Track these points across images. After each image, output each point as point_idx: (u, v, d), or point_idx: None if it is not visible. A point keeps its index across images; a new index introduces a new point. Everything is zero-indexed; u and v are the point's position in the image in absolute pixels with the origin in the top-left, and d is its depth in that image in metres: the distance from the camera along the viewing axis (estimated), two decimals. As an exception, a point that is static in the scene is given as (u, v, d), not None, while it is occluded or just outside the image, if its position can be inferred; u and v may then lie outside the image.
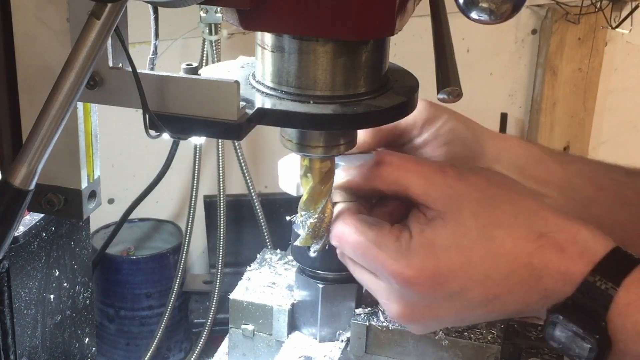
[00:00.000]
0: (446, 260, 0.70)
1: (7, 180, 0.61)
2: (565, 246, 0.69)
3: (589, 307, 0.67)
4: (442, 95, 0.68)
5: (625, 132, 2.82)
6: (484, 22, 0.65)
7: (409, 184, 0.72)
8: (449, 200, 0.71)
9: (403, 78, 0.74)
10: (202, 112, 0.66)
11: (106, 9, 0.60)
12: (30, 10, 0.70)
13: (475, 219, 0.70)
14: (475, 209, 0.71)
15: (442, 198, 0.71)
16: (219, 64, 0.77)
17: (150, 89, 0.67)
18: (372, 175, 0.74)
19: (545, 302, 0.70)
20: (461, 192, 0.71)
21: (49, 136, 0.61)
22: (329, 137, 0.73)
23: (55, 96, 0.61)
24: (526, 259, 0.69)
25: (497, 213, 0.71)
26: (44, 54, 0.70)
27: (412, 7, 0.68)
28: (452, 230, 0.70)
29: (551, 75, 2.58)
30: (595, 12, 2.47)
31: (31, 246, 0.84)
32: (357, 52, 0.68)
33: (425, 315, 0.74)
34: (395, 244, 0.71)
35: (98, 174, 0.78)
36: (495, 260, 0.70)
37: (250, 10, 0.64)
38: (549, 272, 0.69)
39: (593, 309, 0.67)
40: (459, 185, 0.71)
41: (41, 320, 0.88)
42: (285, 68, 0.69)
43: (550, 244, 0.69)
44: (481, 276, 0.70)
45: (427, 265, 0.70)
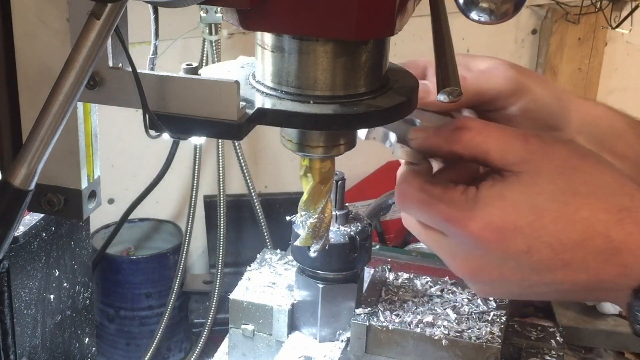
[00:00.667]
0: (514, 215, 0.67)
1: (7, 180, 0.61)
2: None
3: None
4: (442, 95, 0.68)
5: (625, 132, 2.81)
6: (484, 22, 0.65)
7: (489, 149, 0.69)
8: (527, 164, 0.68)
9: (403, 78, 0.74)
10: (202, 112, 0.66)
11: (106, 9, 0.60)
12: (30, 10, 0.70)
13: (552, 182, 0.67)
14: (554, 175, 0.67)
15: (521, 161, 0.68)
16: (219, 64, 0.77)
17: (150, 89, 0.67)
18: (453, 139, 0.71)
19: (624, 281, 0.65)
20: (541, 158, 0.68)
21: (49, 136, 0.61)
22: (328, 137, 0.73)
23: (55, 96, 0.61)
24: (603, 230, 0.65)
25: (577, 182, 0.67)
26: (44, 54, 0.70)
27: (412, 7, 0.68)
28: (526, 187, 0.67)
29: (551, 75, 2.58)
30: (595, 12, 2.47)
31: (31, 246, 0.84)
32: (357, 52, 0.68)
33: (491, 273, 0.70)
34: (461, 197, 0.69)
35: (98, 174, 0.78)
36: (568, 224, 0.66)
37: (250, 10, 0.64)
38: (629, 247, 0.64)
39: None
40: (539, 152, 0.68)
41: (41, 320, 0.88)
42: (285, 68, 0.69)
43: (632, 219, 0.65)
44: (551, 238, 0.66)
45: (493, 218, 0.67)
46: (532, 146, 0.69)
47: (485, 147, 0.70)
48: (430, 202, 0.70)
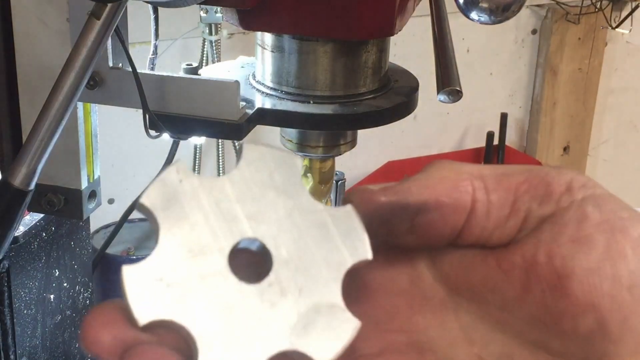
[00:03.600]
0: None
1: (7, 180, 0.61)
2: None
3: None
4: (443, 96, 0.68)
5: (625, 132, 2.82)
6: (484, 23, 0.64)
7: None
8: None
9: (403, 78, 0.74)
10: (202, 112, 0.66)
11: (106, 9, 0.60)
12: (30, 10, 0.70)
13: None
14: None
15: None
16: (219, 64, 0.77)
17: (150, 89, 0.67)
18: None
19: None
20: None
21: (49, 136, 0.61)
22: (328, 137, 0.73)
23: (55, 96, 0.61)
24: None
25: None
26: (44, 54, 0.70)
27: (412, 7, 0.68)
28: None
29: (551, 75, 2.58)
30: (596, 12, 2.47)
31: (31, 246, 0.84)
32: (357, 52, 0.68)
33: None
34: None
35: (98, 174, 0.78)
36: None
37: (251, 10, 0.64)
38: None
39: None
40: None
41: (41, 320, 0.88)
42: (285, 68, 0.69)
43: None
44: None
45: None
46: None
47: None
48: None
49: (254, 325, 0.42)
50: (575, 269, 0.42)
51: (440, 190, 0.45)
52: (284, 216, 0.44)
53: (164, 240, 0.42)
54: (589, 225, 0.43)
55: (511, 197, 0.45)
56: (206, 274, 0.42)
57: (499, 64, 2.59)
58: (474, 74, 2.50)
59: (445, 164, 0.46)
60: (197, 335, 0.41)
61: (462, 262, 0.46)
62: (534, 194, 0.45)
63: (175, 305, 0.41)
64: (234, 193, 0.43)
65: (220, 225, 0.43)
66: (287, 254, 0.43)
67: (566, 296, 0.42)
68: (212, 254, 0.42)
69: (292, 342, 0.42)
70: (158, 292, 0.41)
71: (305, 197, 0.45)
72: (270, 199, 0.44)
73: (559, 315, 0.43)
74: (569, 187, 0.44)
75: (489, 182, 0.45)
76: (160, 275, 0.41)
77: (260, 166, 0.45)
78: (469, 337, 0.47)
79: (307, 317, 0.42)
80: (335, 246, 0.44)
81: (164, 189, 0.43)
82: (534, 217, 0.44)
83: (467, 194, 0.45)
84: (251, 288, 0.42)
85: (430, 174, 0.46)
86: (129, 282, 0.41)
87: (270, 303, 0.42)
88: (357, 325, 0.43)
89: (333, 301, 0.43)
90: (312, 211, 0.44)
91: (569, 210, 0.44)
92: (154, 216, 0.43)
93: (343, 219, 0.45)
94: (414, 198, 0.45)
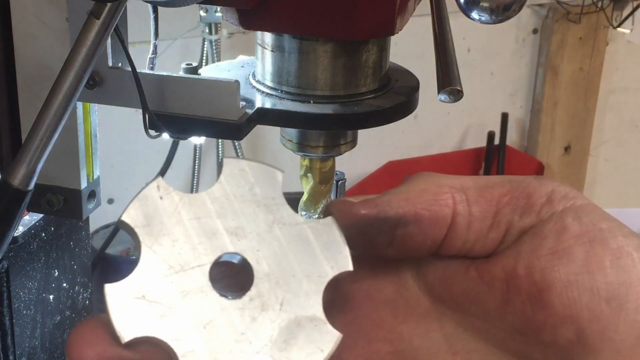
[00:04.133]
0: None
1: (6, 181, 0.61)
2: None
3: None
4: (443, 95, 0.67)
5: (626, 131, 2.82)
6: (485, 22, 0.64)
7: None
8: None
9: (403, 78, 0.74)
10: (202, 112, 0.66)
11: (106, 9, 0.59)
12: (29, 9, 0.69)
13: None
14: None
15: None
16: (218, 63, 0.77)
17: (150, 89, 0.66)
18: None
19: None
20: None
21: (49, 136, 0.61)
22: (329, 137, 0.73)
23: (55, 96, 0.60)
24: None
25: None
26: (43, 53, 0.70)
27: (412, 7, 0.68)
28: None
29: (552, 75, 2.57)
30: (597, 11, 2.47)
31: (30, 246, 0.84)
32: (357, 52, 0.68)
33: None
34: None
35: (98, 174, 0.77)
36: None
37: (251, 9, 0.64)
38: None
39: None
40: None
41: (40, 320, 0.87)
42: (285, 68, 0.68)
43: None
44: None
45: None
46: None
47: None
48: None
49: (235, 340, 0.42)
50: (554, 282, 0.42)
51: (419, 204, 0.45)
52: (265, 230, 0.44)
53: (146, 258, 0.42)
54: (568, 237, 0.43)
55: (493, 209, 0.45)
56: (187, 290, 0.42)
57: (499, 64, 2.59)
58: (474, 74, 2.50)
59: (426, 177, 0.46)
60: (180, 352, 0.41)
61: (445, 273, 0.46)
62: (515, 206, 0.45)
63: (157, 322, 0.41)
64: (214, 208, 0.43)
65: (201, 240, 0.43)
66: (268, 267, 0.43)
67: (545, 308, 0.42)
68: (193, 270, 0.42)
69: (273, 356, 0.42)
70: (140, 310, 0.41)
71: (286, 210, 0.45)
72: (250, 213, 0.44)
73: (539, 327, 0.43)
74: (549, 198, 0.44)
75: (471, 194, 0.45)
76: (143, 293, 0.42)
77: (240, 181, 0.44)
78: (452, 346, 0.47)
79: (288, 331, 0.42)
80: (316, 259, 0.44)
81: (144, 206, 0.43)
82: (515, 229, 0.44)
83: (448, 207, 0.45)
84: (232, 303, 0.42)
85: (410, 187, 0.46)
86: (111, 300, 0.41)
87: (251, 318, 0.42)
88: (338, 337, 0.43)
89: (314, 314, 0.43)
90: (293, 224, 0.44)
91: (549, 222, 0.44)
92: (135, 233, 0.43)
93: (324, 231, 0.44)
94: (393, 211, 0.45)
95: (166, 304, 0.41)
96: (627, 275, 0.41)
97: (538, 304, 0.42)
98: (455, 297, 0.46)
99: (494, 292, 0.44)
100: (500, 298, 0.44)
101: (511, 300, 0.43)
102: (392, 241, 0.45)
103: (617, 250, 0.42)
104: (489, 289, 0.44)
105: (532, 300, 0.43)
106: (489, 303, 0.44)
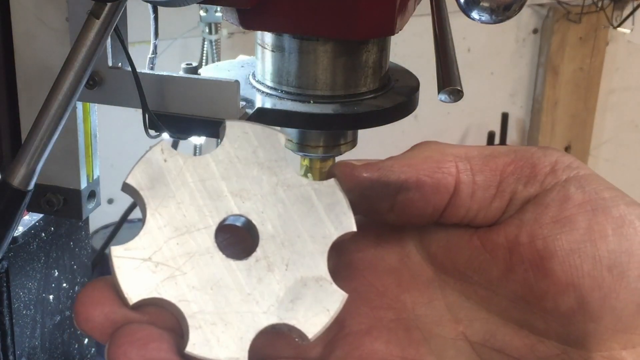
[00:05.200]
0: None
1: (6, 181, 0.61)
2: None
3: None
4: (443, 95, 0.67)
5: (626, 131, 2.82)
6: (485, 22, 0.64)
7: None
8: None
9: (404, 78, 0.74)
10: (202, 112, 0.66)
11: (105, 8, 0.59)
12: (29, 9, 0.69)
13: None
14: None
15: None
16: (218, 63, 0.77)
17: (150, 89, 0.66)
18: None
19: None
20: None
21: (48, 136, 0.61)
22: (329, 137, 0.73)
23: (55, 96, 0.60)
24: None
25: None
26: (43, 53, 0.70)
27: (412, 7, 0.68)
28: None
29: (552, 75, 2.57)
30: (597, 11, 2.47)
31: (30, 246, 0.84)
32: (357, 52, 0.68)
33: None
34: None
35: (97, 174, 0.77)
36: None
37: (251, 9, 0.64)
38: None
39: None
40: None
41: (40, 320, 0.87)
42: (285, 67, 0.68)
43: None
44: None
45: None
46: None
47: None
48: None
49: (242, 301, 0.42)
50: (557, 250, 0.42)
51: (422, 170, 0.45)
52: (269, 192, 0.44)
53: (151, 220, 0.42)
54: (571, 206, 0.43)
55: (497, 179, 0.45)
56: (193, 252, 0.42)
57: (500, 64, 2.59)
58: (475, 74, 2.50)
59: (431, 145, 0.46)
60: (187, 313, 0.41)
61: (448, 242, 0.47)
62: (519, 175, 0.45)
63: (163, 284, 0.41)
64: (218, 170, 0.43)
65: (206, 203, 0.43)
66: (273, 229, 0.43)
67: (548, 276, 0.42)
68: (199, 232, 0.42)
69: (280, 316, 0.42)
70: (147, 272, 0.41)
71: (289, 172, 0.45)
72: (254, 175, 0.44)
73: (541, 294, 0.43)
74: (553, 168, 0.45)
75: (475, 163, 0.45)
76: (149, 255, 0.42)
77: (243, 143, 0.45)
78: (454, 315, 0.47)
79: (294, 291, 0.43)
80: (320, 220, 0.44)
81: (149, 169, 0.43)
82: (518, 198, 0.45)
83: (450, 176, 0.45)
84: (238, 264, 0.42)
85: (414, 153, 0.46)
86: (117, 263, 0.42)
87: (257, 278, 0.42)
88: (344, 297, 0.43)
89: (319, 274, 0.43)
90: (297, 186, 0.44)
91: (552, 191, 0.44)
92: (140, 196, 0.43)
93: (327, 193, 0.45)
94: (395, 176, 0.45)
95: (172, 265, 0.41)
96: (629, 244, 0.42)
97: (540, 272, 0.43)
98: (458, 266, 0.46)
99: (497, 260, 0.44)
100: (503, 266, 0.44)
101: (514, 268, 0.44)
102: (394, 206, 0.45)
103: (620, 218, 0.42)
104: (492, 258, 0.45)
105: (534, 269, 0.43)
106: (491, 271, 0.45)
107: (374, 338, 0.46)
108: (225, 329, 0.41)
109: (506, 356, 0.45)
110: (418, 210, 0.45)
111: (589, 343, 0.42)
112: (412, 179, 0.45)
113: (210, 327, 0.41)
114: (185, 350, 0.40)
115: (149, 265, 0.41)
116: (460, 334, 0.46)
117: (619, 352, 0.42)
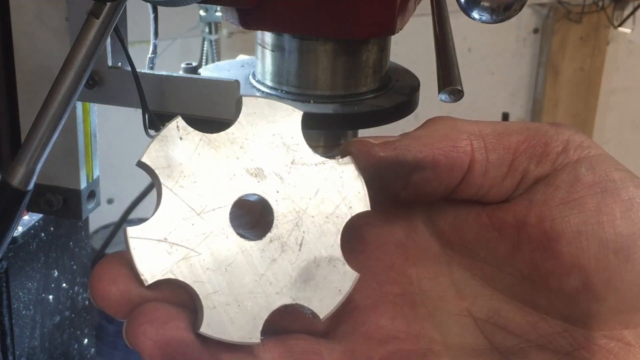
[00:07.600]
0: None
1: (5, 180, 0.61)
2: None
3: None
4: (444, 95, 0.67)
5: (627, 131, 2.82)
6: (486, 22, 0.64)
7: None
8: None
9: (404, 77, 0.74)
10: (202, 111, 0.66)
11: (105, 8, 0.59)
12: (29, 9, 0.69)
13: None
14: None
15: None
16: (218, 63, 0.77)
17: (150, 89, 0.66)
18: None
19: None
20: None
21: (48, 136, 0.61)
22: (329, 136, 0.73)
23: (54, 95, 0.60)
24: None
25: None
26: (42, 53, 0.70)
27: (413, 6, 0.68)
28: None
29: (553, 75, 2.57)
30: (598, 11, 2.47)
31: (30, 246, 0.84)
32: (357, 52, 0.68)
33: None
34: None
35: (97, 174, 0.77)
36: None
37: (251, 9, 0.63)
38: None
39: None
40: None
41: (40, 321, 0.87)
42: (285, 67, 0.68)
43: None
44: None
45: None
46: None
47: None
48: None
49: (256, 281, 0.42)
50: (564, 232, 0.43)
51: (438, 149, 0.45)
52: (284, 170, 0.44)
53: (167, 200, 0.42)
54: (580, 187, 0.43)
55: (510, 157, 0.45)
56: (208, 232, 0.42)
57: (500, 63, 2.58)
58: (475, 73, 2.50)
59: (446, 121, 0.47)
60: (201, 293, 0.41)
61: (456, 219, 0.47)
62: (532, 154, 0.45)
63: (179, 264, 0.41)
64: (234, 149, 0.43)
65: (222, 182, 0.43)
66: (287, 208, 0.43)
67: (554, 257, 0.43)
68: (214, 212, 0.42)
69: (293, 296, 0.42)
70: (162, 252, 0.41)
71: (305, 150, 0.44)
72: (270, 153, 0.44)
73: (547, 274, 0.43)
74: (565, 147, 0.45)
75: (489, 141, 0.45)
76: (164, 235, 0.42)
77: (259, 120, 0.44)
78: (459, 291, 0.47)
79: (307, 272, 0.43)
80: (335, 199, 0.44)
81: (164, 147, 0.43)
82: (530, 177, 0.45)
83: (466, 155, 0.45)
84: (252, 244, 0.42)
85: (430, 132, 0.46)
86: (133, 243, 0.42)
87: (271, 259, 0.42)
88: (355, 277, 0.43)
89: (332, 255, 0.43)
90: (312, 164, 0.44)
91: (563, 172, 0.44)
92: (155, 175, 0.42)
93: (342, 172, 0.45)
94: (412, 155, 0.45)
95: (187, 246, 0.41)
96: (636, 227, 0.42)
97: (547, 253, 0.43)
98: (465, 242, 0.46)
99: (504, 238, 0.45)
100: (510, 245, 0.44)
101: (521, 247, 0.44)
102: (407, 185, 0.45)
103: (628, 201, 0.43)
104: (500, 235, 0.45)
105: (541, 249, 0.43)
106: (498, 249, 0.45)
107: (379, 314, 0.46)
108: (238, 310, 0.41)
109: (509, 333, 0.45)
110: (431, 189, 0.46)
111: (592, 322, 0.43)
112: (428, 159, 0.45)
113: (224, 308, 0.41)
114: (200, 330, 0.40)
115: (165, 246, 0.41)
116: (464, 309, 0.47)
117: (620, 332, 0.43)
